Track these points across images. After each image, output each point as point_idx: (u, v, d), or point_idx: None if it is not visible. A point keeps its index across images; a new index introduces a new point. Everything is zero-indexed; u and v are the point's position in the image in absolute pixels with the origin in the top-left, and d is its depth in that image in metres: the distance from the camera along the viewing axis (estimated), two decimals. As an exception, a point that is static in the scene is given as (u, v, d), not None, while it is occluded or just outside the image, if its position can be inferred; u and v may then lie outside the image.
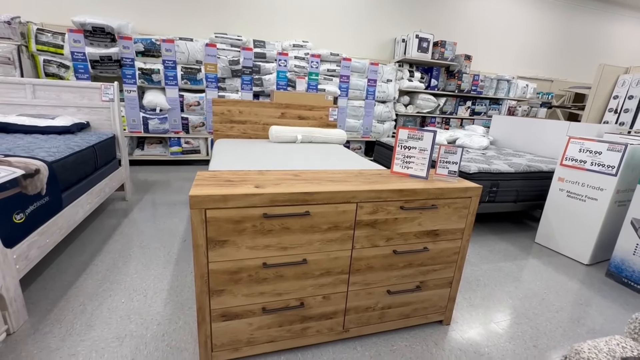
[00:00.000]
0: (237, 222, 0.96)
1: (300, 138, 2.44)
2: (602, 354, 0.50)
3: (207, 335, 1.05)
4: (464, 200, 1.22)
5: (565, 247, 2.18)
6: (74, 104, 2.37)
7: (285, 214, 1.00)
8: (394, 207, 1.13)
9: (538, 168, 2.45)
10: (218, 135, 2.65)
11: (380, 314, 1.27)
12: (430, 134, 1.23)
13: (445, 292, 1.34)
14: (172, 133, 3.71)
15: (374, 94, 4.37)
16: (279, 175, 1.17)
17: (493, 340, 1.33)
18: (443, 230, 1.23)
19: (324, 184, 1.08)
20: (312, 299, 1.14)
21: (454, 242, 1.27)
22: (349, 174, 1.26)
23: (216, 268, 0.99)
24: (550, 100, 5.80)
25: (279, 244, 1.03)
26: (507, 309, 1.55)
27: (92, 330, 1.24)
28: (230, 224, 0.96)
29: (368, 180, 1.18)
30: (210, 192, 0.93)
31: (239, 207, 0.95)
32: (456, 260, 1.31)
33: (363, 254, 1.15)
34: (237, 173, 1.16)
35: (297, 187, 1.03)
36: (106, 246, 1.89)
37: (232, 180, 1.07)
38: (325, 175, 1.21)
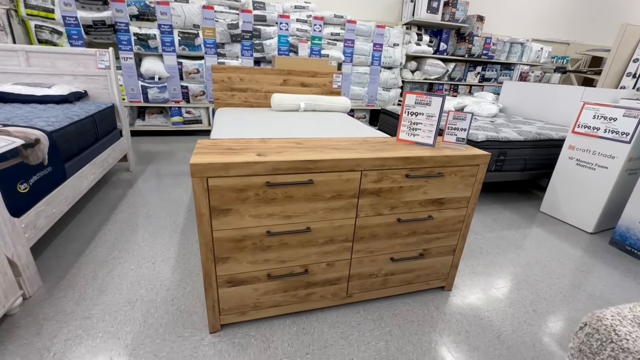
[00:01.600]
0: (239, 191, 0.95)
1: (303, 106, 2.37)
2: (627, 321, 0.48)
3: (214, 300, 1.08)
4: (471, 168, 1.19)
5: (570, 216, 2.17)
6: (70, 71, 2.30)
7: (288, 183, 0.98)
8: (399, 175, 1.10)
9: (548, 136, 2.38)
10: (219, 104, 2.58)
11: (383, 281, 1.29)
12: (438, 99, 1.17)
13: (448, 259, 1.36)
14: (172, 102, 3.64)
15: (379, 59, 4.18)
16: (281, 143, 1.14)
17: (493, 305, 1.37)
18: (449, 198, 1.22)
19: (327, 152, 1.05)
20: (316, 266, 1.16)
21: (459, 211, 1.26)
22: (353, 141, 1.23)
23: (220, 236, 0.99)
24: (565, 64, 5.53)
25: (283, 213, 1.03)
26: (509, 276, 1.58)
27: (104, 295, 1.29)
28: (232, 193, 0.95)
29: (373, 148, 1.15)
30: (212, 160, 0.91)
31: (241, 175, 0.93)
32: (460, 228, 1.30)
33: (367, 222, 1.14)
34: (238, 141, 1.13)
35: (300, 155, 1.00)
36: (113, 216, 1.92)
37: (233, 148, 1.04)
38: (329, 143, 1.18)
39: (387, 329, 1.21)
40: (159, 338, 1.11)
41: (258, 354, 1.07)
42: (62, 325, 1.13)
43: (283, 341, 1.13)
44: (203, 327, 1.16)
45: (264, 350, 1.09)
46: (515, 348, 1.16)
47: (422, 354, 1.11)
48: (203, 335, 1.13)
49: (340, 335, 1.17)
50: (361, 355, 1.09)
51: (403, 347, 1.14)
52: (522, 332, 1.24)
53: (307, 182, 1.00)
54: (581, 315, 1.34)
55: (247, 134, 1.54)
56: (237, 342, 1.11)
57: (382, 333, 1.19)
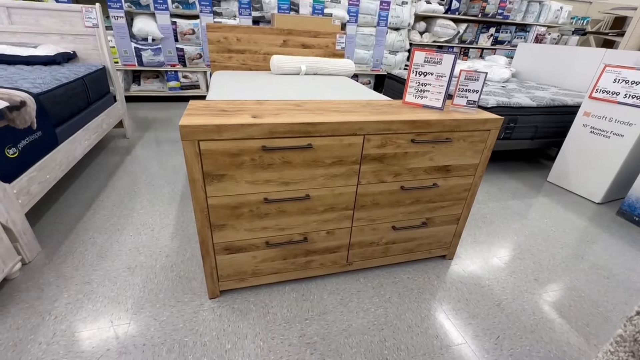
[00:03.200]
0: (234, 155, 0.90)
1: (304, 69, 2.24)
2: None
3: (212, 267, 1.07)
4: (482, 133, 1.11)
5: (578, 186, 2.11)
6: (56, 30, 2.16)
7: (285, 147, 0.92)
8: (404, 140, 1.03)
9: (562, 102, 2.26)
10: (216, 67, 2.45)
11: (384, 249, 1.27)
12: (450, 57, 1.07)
13: (452, 228, 1.32)
14: (168, 66, 3.48)
15: (386, 19, 3.92)
16: (279, 105, 1.06)
17: (494, 274, 1.35)
18: (455, 165, 1.16)
19: (328, 115, 0.98)
20: (316, 234, 1.13)
21: (466, 179, 1.20)
22: (356, 104, 1.15)
23: (216, 203, 0.95)
24: (585, 26, 5.18)
25: (280, 179, 0.98)
26: (511, 245, 1.56)
27: (104, 261, 1.28)
28: (226, 157, 0.89)
29: (377, 110, 1.07)
30: (203, 122, 0.84)
31: (235, 138, 0.87)
32: (466, 197, 1.25)
33: (369, 189, 1.10)
34: (233, 103, 1.06)
35: (299, 117, 0.93)
36: (111, 182, 1.89)
37: (227, 110, 0.97)
38: (330, 105, 1.10)
39: (387, 296, 1.21)
40: (159, 303, 1.11)
41: (257, 319, 1.08)
42: (62, 289, 1.14)
43: (282, 307, 1.13)
44: (202, 293, 1.16)
45: (263, 316, 1.09)
46: (514, 315, 1.16)
47: (420, 320, 1.11)
48: (202, 300, 1.13)
49: (340, 302, 1.17)
50: (360, 322, 1.09)
51: (402, 313, 1.14)
52: (522, 300, 1.23)
53: (306, 146, 0.94)
54: (583, 285, 1.33)
55: (243, 96, 1.46)
56: (236, 308, 1.11)
57: (382, 300, 1.19)
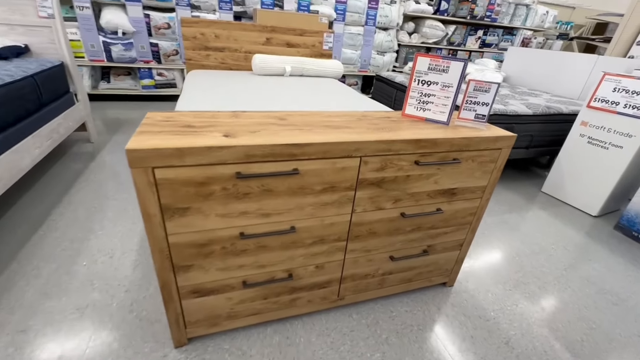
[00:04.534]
0: (200, 185, 0.71)
1: (289, 70, 2.06)
2: None
3: (177, 313, 0.89)
4: (492, 152, 0.98)
5: (574, 198, 2.04)
6: (4, 20, 1.88)
7: (265, 174, 0.75)
8: (407, 162, 0.88)
9: (558, 110, 2.18)
10: (192, 65, 2.23)
11: (380, 280, 1.12)
12: (459, 65, 0.93)
13: (454, 254, 1.19)
14: (141, 63, 3.20)
15: (375, 18, 3.78)
16: (258, 118, 0.89)
17: (499, 304, 1.23)
18: (462, 188, 1.02)
19: (318, 132, 0.81)
20: (303, 270, 0.97)
21: (472, 202, 1.07)
22: (349, 117, 0.98)
23: (178, 241, 0.77)
24: (569, 31, 5.23)
25: (260, 210, 0.80)
26: (514, 267, 1.44)
27: (48, 300, 1.07)
28: (191, 187, 0.71)
29: (374, 126, 0.91)
30: (160, 143, 0.66)
31: (201, 164, 0.69)
32: (471, 222, 1.12)
33: (365, 218, 0.94)
34: (202, 115, 0.87)
35: (282, 136, 0.76)
36: (67, 196, 1.65)
37: (193, 125, 0.78)
38: (319, 118, 0.93)
39: (384, 336, 1.06)
40: (112, 355, 0.92)
41: (233, 373, 0.90)
42: (-11, 341, 0.92)
43: (263, 355, 0.96)
44: (167, 340, 0.97)
45: (239, 369, 0.92)
46: (525, 356, 1.04)
47: (423, 367, 0.97)
48: (166, 350, 0.94)
49: (330, 345, 1.01)
50: (354, 372, 0.94)
51: (402, 359, 0.99)
52: (532, 335, 1.11)
53: (291, 172, 0.77)
54: (592, 314, 1.23)
55: (219, 103, 1.27)
56: (208, 359, 0.93)
57: (378, 342, 1.03)
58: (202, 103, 1.28)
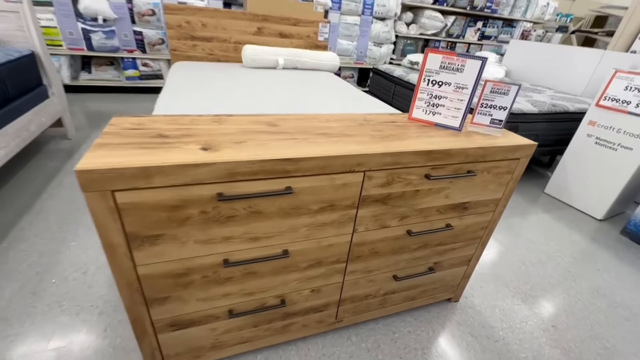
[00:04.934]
0: (174, 209, 0.60)
1: (282, 63, 1.92)
2: None
3: (153, 347, 0.77)
4: (510, 163, 0.87)
5: (579, 200, 1.97)
6: (-36, 4, 1.69)
7: (253, 194, 0.63)
8: (416, 175, 0.77)
9: (564, 108, 2.09)
10: (177, 56, 2.07)
11: (382, 300, 1.02)
12: (475, 64, 0.81)
13: (461, 270, 1.10)
14: (124, 52, 3.01)
15: (372, 8, 3.61)
16: (245, 124, 0.76)
17: (508, 321, 1.15)
18: (474, 202, 0.91)
19: (314, 142, 0.69)
20: (297, 294, 0.86)
21: (484, 216, 0.97)
22: (350, 121, 0.86)
23: (150, 272, 0.65)
24: (568, 23, 5.12)
25: (247, 234, 0.69)
26: (521, 278, 1.36)
27: (8, 327, 0.95)
28: (162, 212, 0.59)
29: (379, 133, 0.80)
30: (121, 162, 0.53)
31: (173, 185, 0.57)
32: (481, 236, 1.02)
33: (367, 237, 0.83)
34: (178, 120, 0.74)
35: (273, 148, 0.64)
36: (39, 201, 1.51)
37: (167, 135, 0.66)
38: (316, 124, 0.81)
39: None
40: (79, 394, 0.81)
41: (218, 413, 0.80)
42: None
43: (252, 389, 0.86)
44: (143, 374, 0.86)
45: (225, 407, 0.81)
46: (538, 382, 0.96)
47: (430, 399, 0.88)
48: (143, 386, 0.84)
49: (327, 375, 0.91)
50: (354, 407, 0.85)
51: (406, 390, 0.90)
52: (545, 358, 1.03)
53: (284, 192, 0.65)
54: (605, 331, 1.15)
55: (202, 103, 1.14)
56: (189, 395, 0.83)
57: (380, 370, 0.94)
58: (185, 102, 1.14)
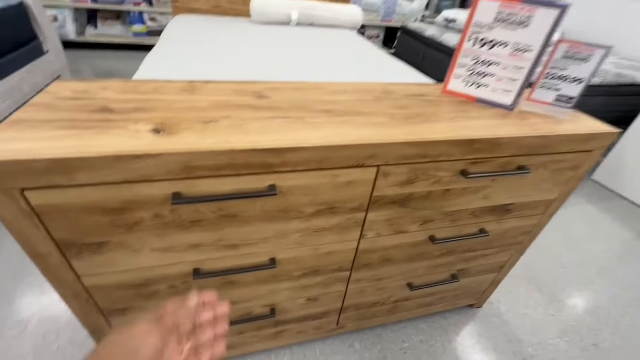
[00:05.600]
0: (115, 212, 0.45)
1: (295, 18, 1.66)
2: None
3: (122, 354, 0.68)
4: (577, 156, 0.65)
5: (633, 190, 1.68)
6: (-56, -57, 1.52)
7: (221, 195, 0.47)
8: (448, 172, 0.58)
9: (631, 79, 1.73)
10: (178, 9, 1.84)
11: (392, 307, 0.88)
12: (549, 15, 0.57)
13: (490, 277, 0.92)
14: (130, 5, 2.78)
15: (405, -47, 3.12)
16: (224, 94, 0.58)
17: (539, 335, 0.99)
18: (520, 204, 0.71)
19: (311, 123, 0.51)
20: (290, 303, 0.72)
21: (529, 219, 0.77)
22: (365, 92, 0.66)
23: (100, 283, 0.53)
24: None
25: (221, 241, 0.54)
26: (557, 282, 1.17)
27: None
28: (100, 216, 0.44)
29: (402, 111, 0.59)
30: (31, 148, 0.38)
31: (107, 183, 0.41)
32: (522, 241, 0.83)
33: (378, 244, 0.67)
34: (137, 88, 0.57)
35: (252, 132, 0.46)
36: (33, 168, 1.42)
37: (112, 108, 0.49)
38: (319, 96, 0.62)
39: (392, 377, 0.84)
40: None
41: None
42: None
43: (238, 399, 0.77)
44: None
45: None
46: (572, 414, 0.81)
47: None
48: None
49: (323, 389, 0.80)
50: None
51: (413, 413, 0.78)
52: (581, 384, 0.88)
53: (265, 192, 0.48)
54: (658, 355, 0.97)
55: (191, 66, 0.95)
56: (168, 401, 0.74)
57: (384, 387, 0.82)
58: (174, 63, 0.96)
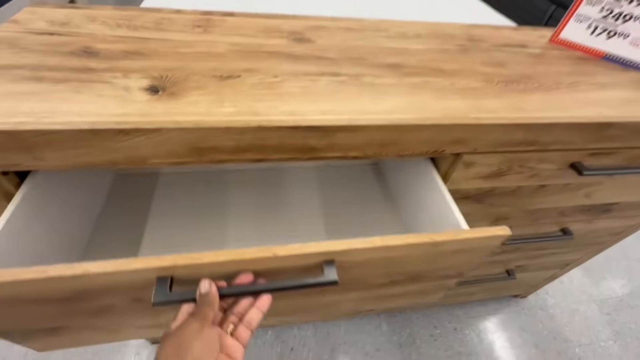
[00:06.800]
0: (68, 302, 0.34)
1: None
2: None
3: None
4: None
5: None
6: None
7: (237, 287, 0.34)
8: (555, 164, 0.41)
9: None
10: None
11: (429, 295, 0.79)
12: None
13: (549, 273, 0.79)
14: None
15: None
16: (249, 33, 0.41)
17: (589, 335, 0.88)
18: (626, 204, 0.54)
19: (372, 86, 0.35)
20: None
21: (628, 220, 0.61)
22: (444, 38, 0.47)
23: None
24: None
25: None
26: (619, 277, 1.03)
27: None
28: (43, 307, 0.33)
29: (499, 70, 0.41)
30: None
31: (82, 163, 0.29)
32: (605, 242, 0.68)
33: (432, 240, 0.54)
34: (135, 20, 0.41)
35: (287, 98, 0.32)
36: None
37: (96, 51, 0.35)
38: (381, 40, 0.43)
39: (420, 366, 0.79)
40: None
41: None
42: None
43: None
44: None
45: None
46: None
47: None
48: (139, 347, 0.75)
49: (346, 370, 0.77)
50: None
51: (441, 405, 0.73)
52: (632, 395, 0.79)
53: (320, 281, 0.34)
54: None
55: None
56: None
57: (411, 375, 0.77)
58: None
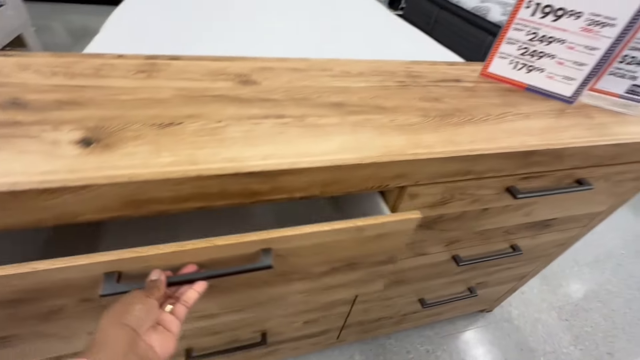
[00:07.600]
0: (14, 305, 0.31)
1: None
2: None
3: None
4: (646, 165, 0.52)
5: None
6: None
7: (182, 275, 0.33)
8: (493, 189, 0.45)
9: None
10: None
11: (399, 320, 0.79)
12: (651, -26, 0.40)
13: (508, 287, 0.83)
14: (102, -52, 2.42)
15: None
16: (196, 73, 0.42)
17: (552, 344, 0.92)
18: (563, 218, 0.59)
19: (315, 127, 0.36)
20: (285, 327, 0.62)
21: (567, 233, 0.66)
22: (385, 75, 0.50)
23: None
24: None
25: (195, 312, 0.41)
26: (573, 283, 1.10)
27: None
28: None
29: (435, 105, 0.44)
30: None
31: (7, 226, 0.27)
32: (552, 253, 0.73)
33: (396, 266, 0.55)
34: (75, 66, 0.40)
35: (229, 143, 0.32)
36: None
37: (27, 102, 0.34)
38: (326, 79, 0.46)
39: (395, 394, 0.77)
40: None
41: None
42: None
43: (226, 421, 0.69)
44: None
45: None
46: None
47: None
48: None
49: (321, 408, 0.73)
50: None
51: None
52: (595, 399, 0.82)
53: (256, 266, 0.35)
54: (675, 364, 0.92)
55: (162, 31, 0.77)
56: None
57: (387, 405, 0.76)
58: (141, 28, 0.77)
